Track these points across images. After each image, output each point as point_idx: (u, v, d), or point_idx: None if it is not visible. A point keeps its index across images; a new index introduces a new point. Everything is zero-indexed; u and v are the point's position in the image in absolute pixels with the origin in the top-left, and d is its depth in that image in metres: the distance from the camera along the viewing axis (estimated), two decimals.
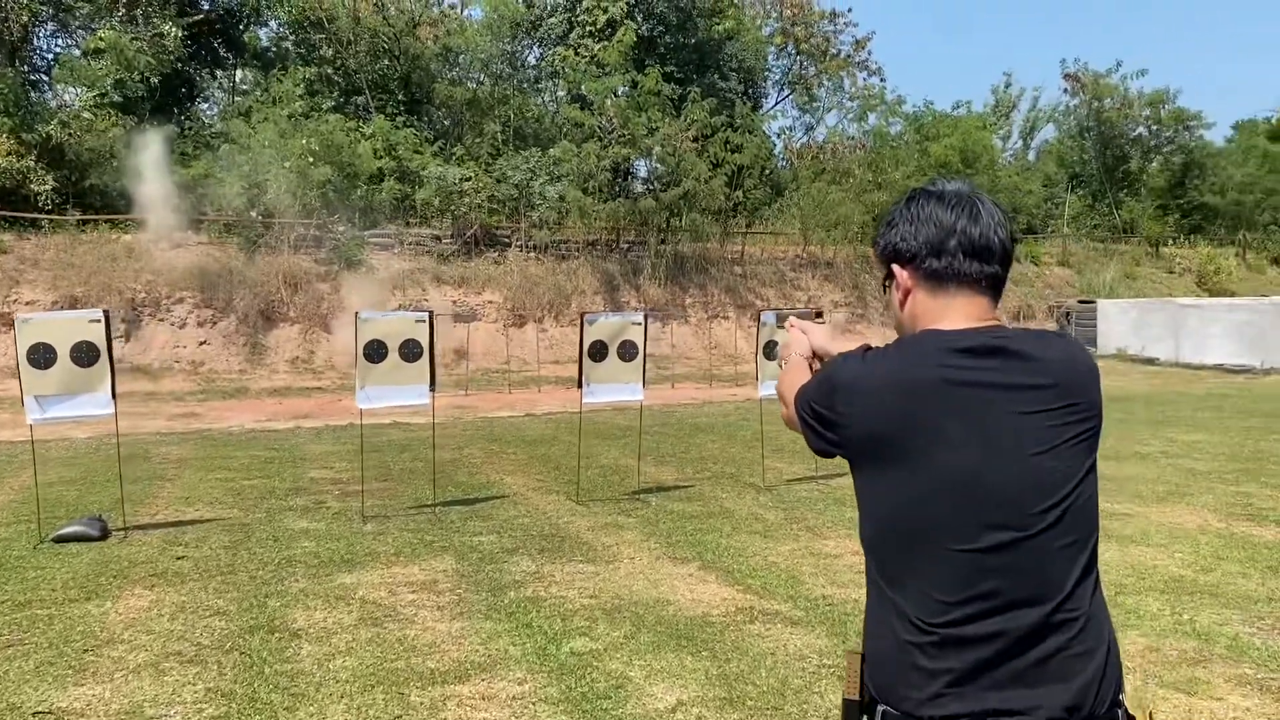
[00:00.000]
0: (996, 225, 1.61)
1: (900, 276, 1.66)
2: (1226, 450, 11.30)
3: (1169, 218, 37.41)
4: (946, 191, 1.65)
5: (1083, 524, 1.54)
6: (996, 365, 1.53)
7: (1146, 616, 5.19)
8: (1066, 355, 1.58)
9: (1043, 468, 1.50)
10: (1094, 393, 1.59)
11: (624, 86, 30.37)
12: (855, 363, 1.61)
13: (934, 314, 1.62)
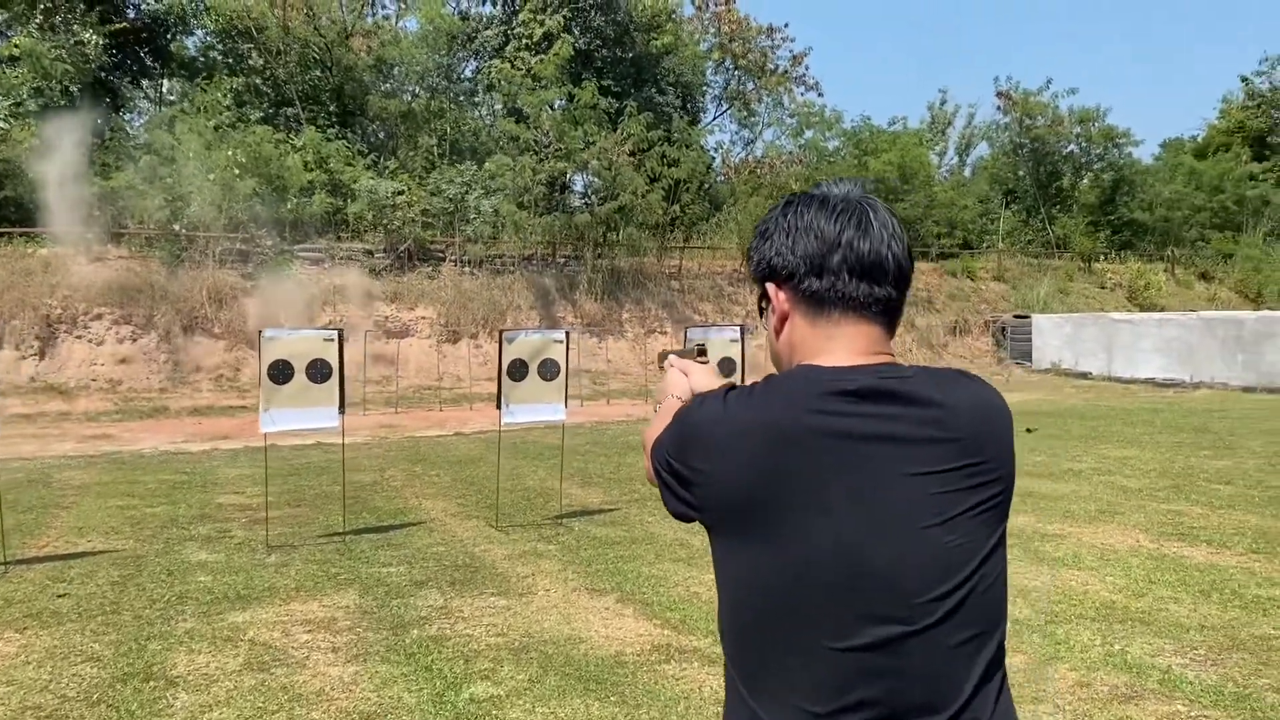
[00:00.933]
0: (890, 238, 1.31)
1: (776, 298, 1.35)
2: (1157, 466, 11.27)
3: (1100, 233, 38.02)
4: (831, 196, 1.34)
5: (986, 614, 1.24)
6: (886, 413, 1.23)
7: (1077, 648, 4.98)
8: (975, 401, 1.29)
9: (937, 544, 1.20)
10: (1006, 448, 1.31)
11: (560, 100, 30.12)
12: (714, 407, 1.29)
13: (813, 345, 1.32)
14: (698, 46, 36.17)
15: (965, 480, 1.23)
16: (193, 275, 23.39)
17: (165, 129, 25.60)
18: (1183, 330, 25.03)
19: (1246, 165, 42.84)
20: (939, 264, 34.98)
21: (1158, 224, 38.24)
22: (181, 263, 23.63)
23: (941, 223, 36.32)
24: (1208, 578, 6.34)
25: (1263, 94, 48.69)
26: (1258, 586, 6.11)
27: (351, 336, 23.65)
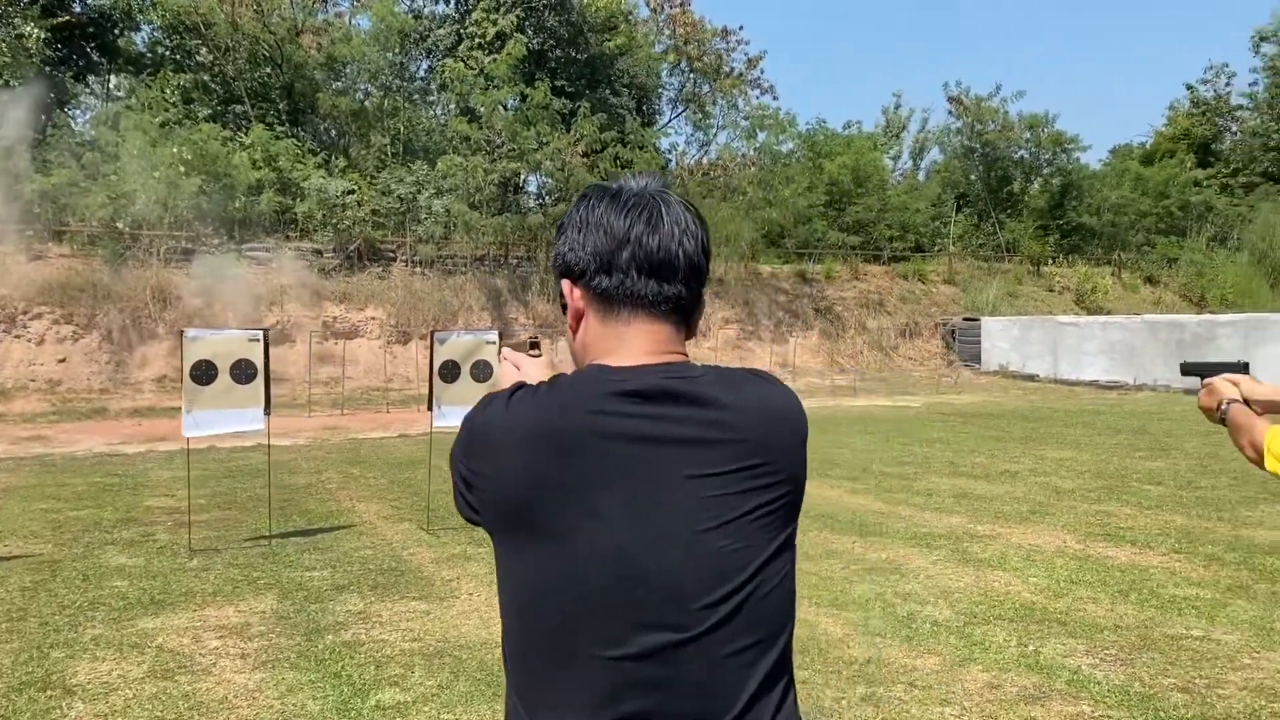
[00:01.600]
0: (682, 234, 1.26)
1: (570, 296, 1.30)
2: (1092, 468, 11.41)
3: (1049, 238, 38.55)
4: (624, 190, 1.29)
5: (766, 620, 1.20)
6: (668, 414, 1.18)
7: (992, 648, 5.00)
8: (762, 403, 1.24)
9: (713, 548, 1.16)
10: (793, 450, 1.26)
11: (513, 100, 30.00)
12: (496, 408, 1.23)
13: (604, 345, 1.27)
14: (652, 48, 36.19)
15: (746, 483, 1.19)
16: (136, 274, 22.99)
17: (110, 125, 25.16)
18: (1126, 333, 25.43)
19: (1191, 171, 43.67)
20: (891, 267, 35.28)
21: (1105, 228, 38.86)
22: (125, 261, 23.21)
23: (894, 226, 36.65)
24: (1128, 578, 6.40)
25: (1207, 102, 49.67)
26: (1175, 586, 6.18)
27: (298, 337, 23.42)
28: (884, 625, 5.41)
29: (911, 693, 4.40)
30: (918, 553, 7.19)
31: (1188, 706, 4.22)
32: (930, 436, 14.81)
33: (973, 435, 14.94)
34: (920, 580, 6.39)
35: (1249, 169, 45.72)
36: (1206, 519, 8.32)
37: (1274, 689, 4.39)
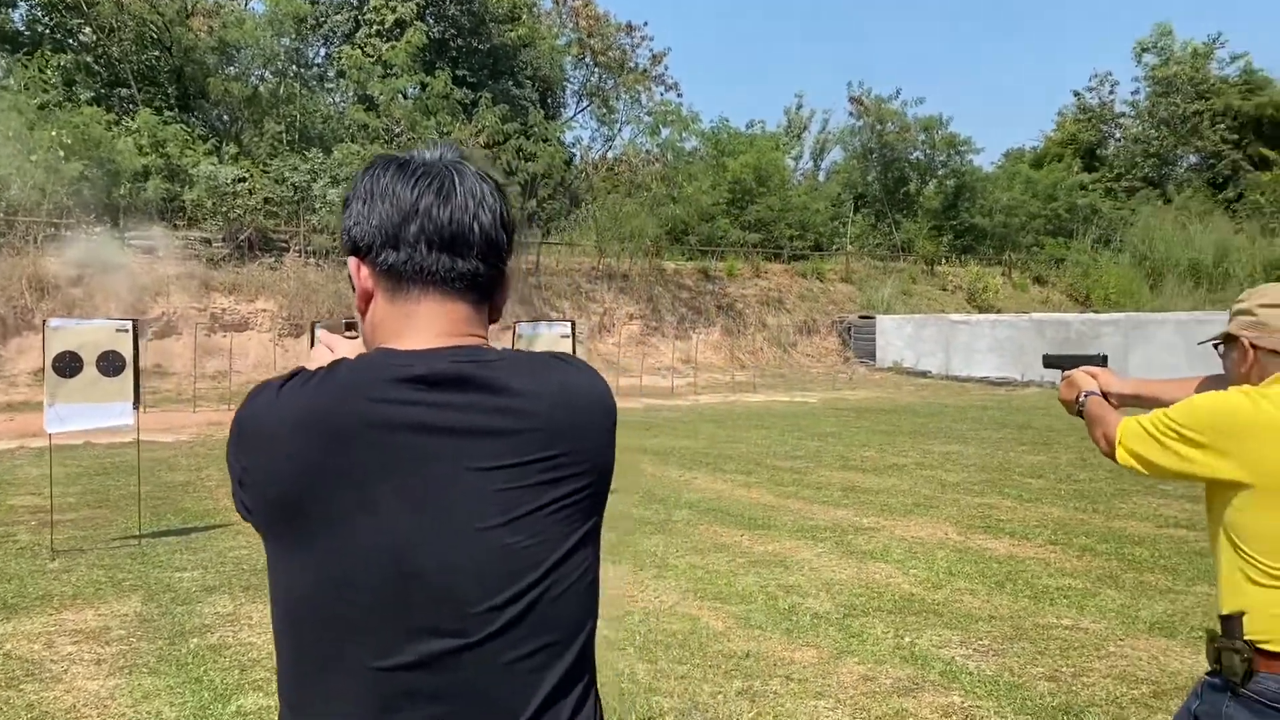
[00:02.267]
0: (477, 206, 1.17)
1: (357, 275, 1.19)
2: (977, 461, 11.71)
3: (943, 238, 39.56)
4: (414, 160, 1.19)
5: (561, 621, 1.12)
6: (455, 401, 1.09)
7: (869, 640, 5.04)
8: (562, 389, 1.16)
9: (499, 546, 1.08)
10: (597, 439, 1.19)
11: (413, 88, 29.49)
12: (266, 396, 1.12)
13: (392, 326, 1.17)
14: (555, 40, 35.98)
15: (540, 475, 1.11)
16: (12, 263, 21.90)
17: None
18: (1014, 331, 26.24)
19: (1078, 175, 45.32)
20: (791, 265, 35.76)
21: (996, 229, 40.06)
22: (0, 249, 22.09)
23: (795, 225, 37.15)
24: (1005, 569, 6.55)
25: (1093, 109, 51.65)
26: (1049, 577, 6.34)
27: (184, 329, 22.61)
28: (766, 618, 5.42)
29: (788, 686, 4.41)
30: (804, 545, 7.24)
31: (1053, 695, 4.31)
32: (824, 431, 15.02)
33: (864, 430, 15.20)
34: (804, 573, 6.43)
35: (1131, 174, 47.69)
36: (1082, 511, 8.58)
37: (1134, 675, 4.51)
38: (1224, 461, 1.92)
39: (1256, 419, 1.90)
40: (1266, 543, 1.89)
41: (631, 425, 15.83)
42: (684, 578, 6.31)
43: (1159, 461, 2.03)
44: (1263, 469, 1.89)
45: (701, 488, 9.87)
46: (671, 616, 5.47)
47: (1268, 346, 2.00)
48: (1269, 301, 2.03)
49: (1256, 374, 2.02)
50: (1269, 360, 2.00)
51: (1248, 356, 2.04)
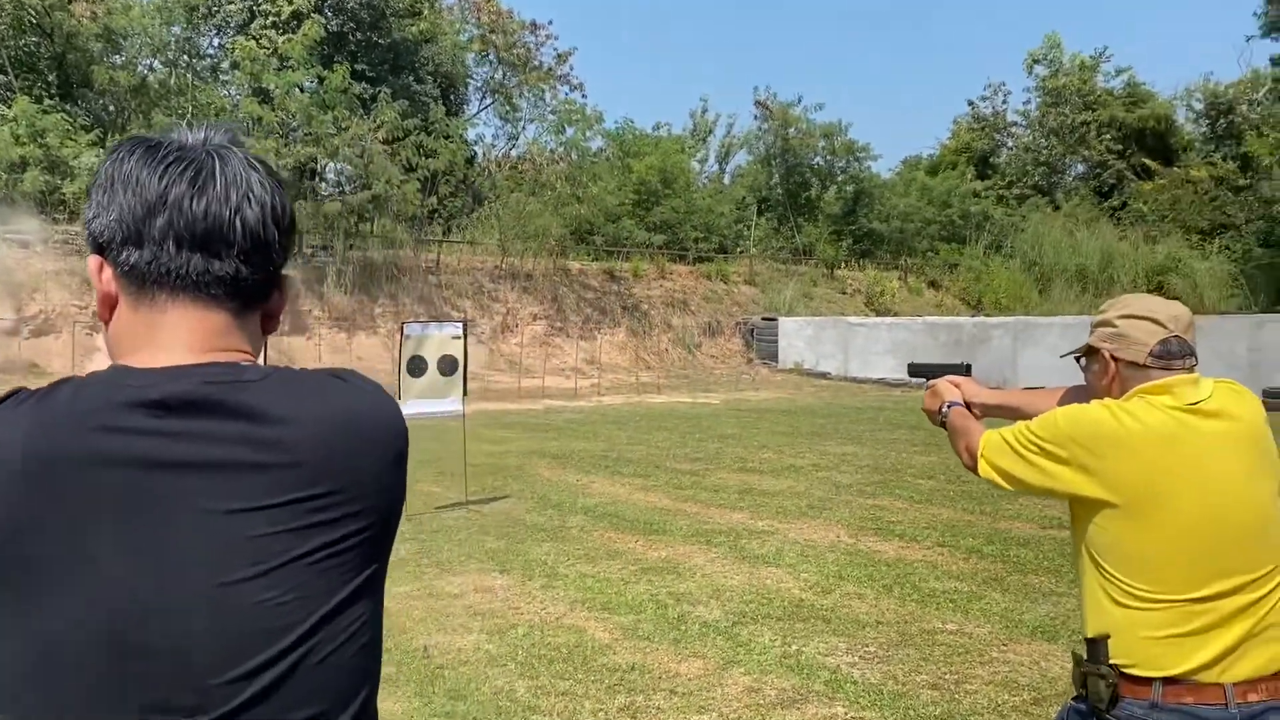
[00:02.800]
0: (241, 198, 0.99)
1: (98, 277, 1.00)
2: (871, 462, 11.84)
3: (843, 242, 40.22)
4: (168, 141, 1.01)
5: (327, 690, 0.94)
6: (199, 430, 0.92)
7: (756, 650, 4.98)
8: (334, 416, 0.98)
9: (249, 604, 0.90)
10: (377, 474, 1.01)
11: (310, 82, 28.72)
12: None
13: (134, 338, 0.99)
14: (458, 36, 35.48)
15: (305, 518, 0.93)
16: None
17: None
18: (910, 334, 26.80)
19: (971, 183, 46.58)
20: (696, 267, 35.92)
21: (894, 234, 40.90)
22: None
23: (700, 227, 37.32)
24: (894, 572, 6.58)
25: (986, 118, 53.16)
26: (936, 580, 6.39)
27: (63, 328, 21.59)
28: (654, 628, 5.32)
29: (671, 700, 4.31)
30: (698, 550, 7.18)
31: (936, 704, 4.30)
32: (724, 433, 15.05)
33: (764, 431, 15.29)
34: (696, 579, 6.35)
35: (1022, 181, 49.22)
36: (970, 512, 8.72)
37: (1016, 682, 4.54)
38: (1086, 478, 1.87)
39: (1118, 434, 1.85)
40: (1129, 562, 1.84)
41: (530, 427, 15.64)
42: (574, 587, 6.18)
43: (1021, 476, 1.97)
44: (1124, 486, 1.84)
45: (599, 492, 9.75)
46: (557, 629, 5.33)
47: (1127, 359, 1.95)
48: (1129, 313, 1.97)
49: (1118, 387, 1.98)
50: (1130, 373, 1.95)
51: (1109, 369, 1.99)
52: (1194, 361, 1.95)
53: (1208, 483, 1.83)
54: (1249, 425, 1.91)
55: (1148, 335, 1.93)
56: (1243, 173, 45.00)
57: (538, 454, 12.38)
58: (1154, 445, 1.84)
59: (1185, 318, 1.96)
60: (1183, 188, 45.35)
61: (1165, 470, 1.83)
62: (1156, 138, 48.59)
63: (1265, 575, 1.83)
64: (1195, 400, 1.88)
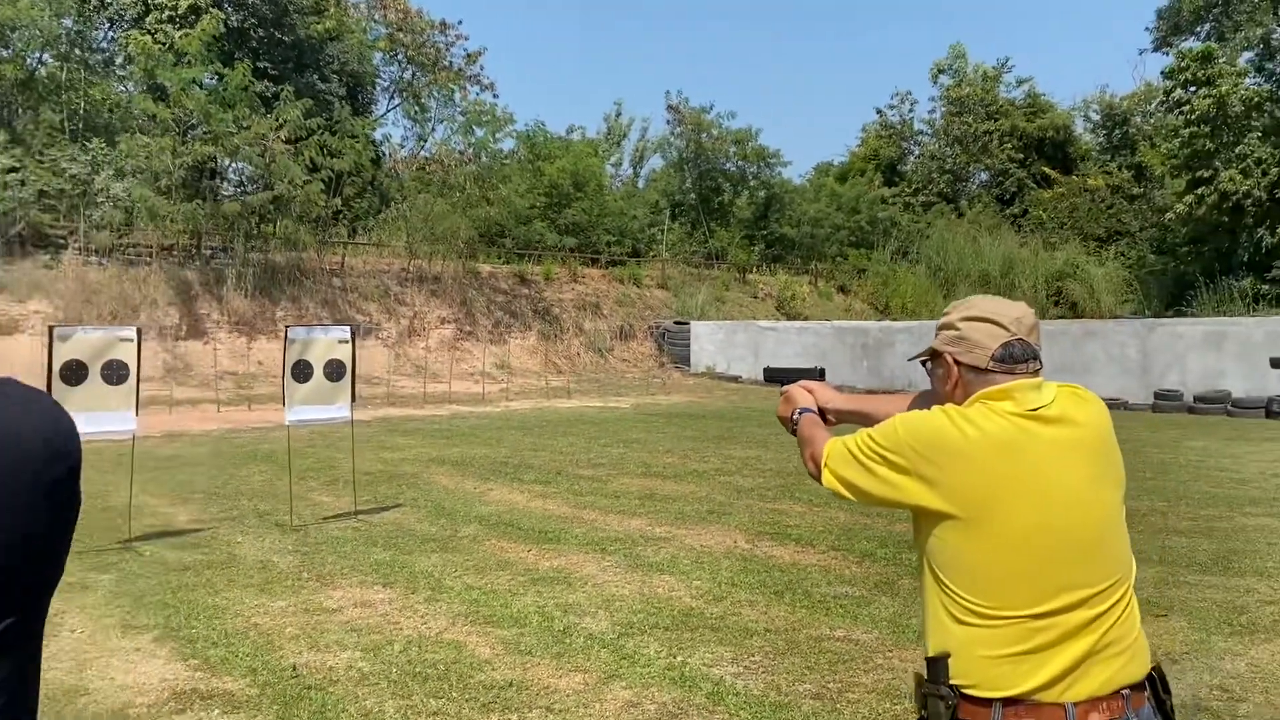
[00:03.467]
0: None
1: None
2: (774, 466, 11.84)
3: (755, 247, 40.57)
4: None
5: None
6: None
7: (640, 662, 4.84)
8: None
9: None
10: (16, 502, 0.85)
11: (210, 79, 27.83)
12: None
13: None
14: (364, 34, 34.81)
15: None
16: None
17: None
18: (818, 338, 27.09)
19: (879, 189, 47.48)
20: (608, 270, 35.82)
21: (804, 240, 41.41)
22: None
23: (613, 230, 37.23)
24: (787, 577, 6.52)
25: (893, 126, 54.21)
26: (828, 585, 6.35)
27: None
28: (537, 642, 5.15)
29: (547, 718, 4.15)
30: (592, 559, 7.03)
31: (817, 714, 4.21)
32: (631, 437, 14.94)
33: (671, 435, 15.22)
34: (587, 589, 6.20)
35: (928, 189, 50.30)
36: (866, 515, 8.73)
37: (899, 690, 4.48)
38: (926, 488, 1.77)
39: (957, 442, 1.76)
40: (969, 577, 1.74)
41: (433, 434, 15.31)
42: (459, 600, 5.97)
43: (865, 487, 1.87)
44: (964, 497, 1.74)
45: (496, 499, 9.54)
46: (437, 644, 5.12)
47: (969, 363, 1.86)
48: (971, 315, 1.88)
49: (961, 391, 1.88)
50: (972, 377, 1.86)
51: (952, 373, 1.89)
52: (1037, 365, 1.86)
53: (1049, 492, 1.74)
54: (1093, 431, 1.83)
55: (990, 338, 1.84)
56: (1137, 182, 46.71)
57: (437, 461, 12.10)
58: (994, 453, 1.74)
59: (1029, 320, 1.88)
60: (1080, 196, 46.89)
61: (1005, 479, 1.73)
62: (1056, 147, 50.15)
63: (1109, 588, 1.75)
64: (1037, 406, 1.79)
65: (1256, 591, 6.09)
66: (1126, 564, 1.81)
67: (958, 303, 1.96)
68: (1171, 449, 13.57)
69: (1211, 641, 5.12)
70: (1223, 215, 35.23)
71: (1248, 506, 9.08)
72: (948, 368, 1.90)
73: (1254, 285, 33.99)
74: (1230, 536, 7.75)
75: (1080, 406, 1.85)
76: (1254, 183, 33.69)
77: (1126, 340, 21.39)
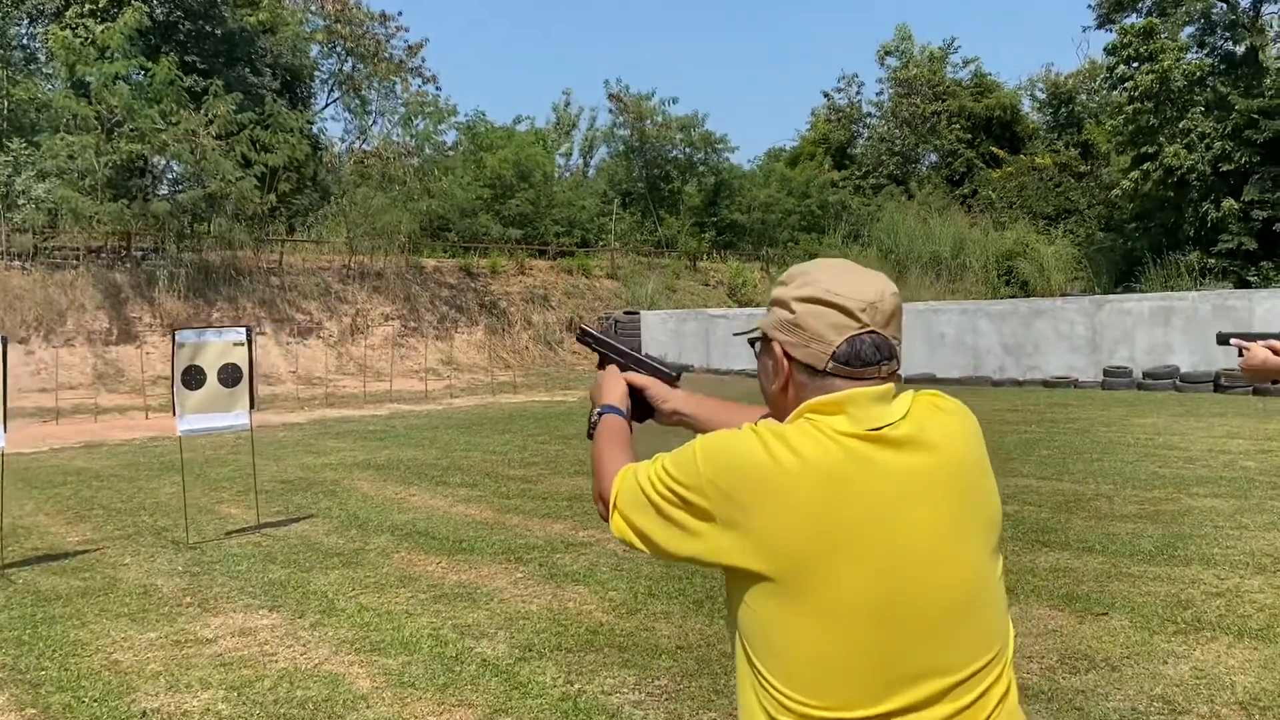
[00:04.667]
0: None
1: None
2: None
3: (705, 234, 40.18)
4: None
5: None
6: None
7: (534, 691, 4.38)
8: None
9: None
10: None
11: (136, 74, 26.91)
12: None
13: None
14: (300, 26, 33.92)
15: None
16: None
17: None
18: None
19: (829, 173, 47.25)
20: (556, 262, 35.28)
21: (755, 225, 41.06)
22: None
23: (561, 221, 36.69)
24: (709, 584, 6.09)
25: (842, 109, 54.02)
26: None
27: None
28: (424, 671, 4.67)
29: None
30: (503, 571, 6.56)
31: None
32: (571, 433, 14.46)
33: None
34: (490, 607, 5.73)
35: (878, 171, 50.18)
36: None
37: None
38: (732, 538, 1.29)
39: (769, 476, 1.27)
40: (785, 663, 1.27)
41: (365, 435, 14.76)
42: (348, 624, 5.48)
43: (661, 541, 1.38)
44: (777, 551, 1.26)
45: (415, 506, 9.03)
46: (312, 679, 4.63)
47: (804, 360, 1.37)
48: (810, 294, 1.37)
49: (792, 395, 1.40)
50: (806, 380, 1.37)
51: (782, 369, 1.40)
52: (893, 366, 1.37)
53: (893, 545, 1.27)
54: (953, 458, 1.35)
55: (832, 331, 1.35)
56: (1084, 159, 46.91)
57: (361, 466, 11.56)
58: (818, 491, 1.26)
59: (887, 304, 1.37)
60: (1029, 175, 47.00)
61: (832, 527, 1.25)
62: (1003, 127, 50.23)
63: (978, 673, 1.29)
64: (880, 424, 1.31)
65: (1202, 582, 5.75)
66: (1001, 636, 1.35)
67: (796, 270, 1.45)
68: (1120, 427, 13.34)
69: (1154, 643, 4.75)
70: (1168, 190, 35.38)
71: (1195, 486, 8.78)
72: (777, 360, 1.41)
73: (1200, 259, 34.16)
74: (1177, 520, 7.43)
75: (940, 422, 1.38)
76: (1198, 157, 33.83)
77: (1075, 318, 21.24)
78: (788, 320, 1.39)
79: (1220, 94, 34.06)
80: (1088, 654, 4.63)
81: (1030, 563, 6.33)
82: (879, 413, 1.33)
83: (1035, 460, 10.62)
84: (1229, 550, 6.43)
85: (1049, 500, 8.29)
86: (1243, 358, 2.56)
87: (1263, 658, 4.49)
